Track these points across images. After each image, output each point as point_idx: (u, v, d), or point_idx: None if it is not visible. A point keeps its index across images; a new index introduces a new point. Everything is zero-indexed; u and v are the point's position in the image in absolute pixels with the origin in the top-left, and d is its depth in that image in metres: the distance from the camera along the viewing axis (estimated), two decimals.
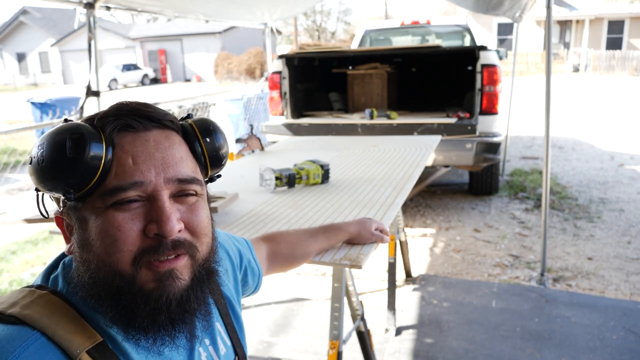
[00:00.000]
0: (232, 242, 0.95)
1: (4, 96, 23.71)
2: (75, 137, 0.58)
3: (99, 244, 0.60)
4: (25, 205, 1.72)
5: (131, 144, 0.61)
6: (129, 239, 0.60)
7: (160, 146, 0.63)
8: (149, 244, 0.60)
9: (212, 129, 0.70)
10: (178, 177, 0.63)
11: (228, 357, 0.79)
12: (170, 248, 0.61)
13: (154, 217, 0.60)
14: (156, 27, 33.53)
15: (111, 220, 0.59)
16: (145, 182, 0.61)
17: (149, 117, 0.64)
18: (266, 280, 3.36)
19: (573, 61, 22.52)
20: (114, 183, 0.60)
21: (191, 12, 4.53)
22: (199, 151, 0.68)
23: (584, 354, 2.27)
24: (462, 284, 3.00)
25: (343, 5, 58.11)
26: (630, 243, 3.61)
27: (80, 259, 0.62)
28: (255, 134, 2.77)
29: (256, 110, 6.71)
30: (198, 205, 0.66)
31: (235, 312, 0.84)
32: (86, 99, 3.43)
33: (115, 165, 0.60)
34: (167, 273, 0.61)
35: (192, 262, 0.64)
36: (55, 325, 0.58)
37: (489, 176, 4.65)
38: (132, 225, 0.60)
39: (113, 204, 0.60)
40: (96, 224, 0.60)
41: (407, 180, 1.97)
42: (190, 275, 0.64)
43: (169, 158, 0.63)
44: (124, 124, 0.62)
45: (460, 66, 4.60)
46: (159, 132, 0.64)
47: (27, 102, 9.17)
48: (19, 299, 0.61)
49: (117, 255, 0.59)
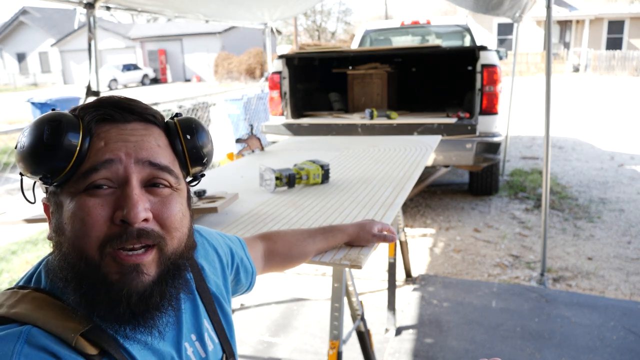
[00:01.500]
0: (223, 241, 0.95)
1: (4, 96, 23.70)
2: (54, 125, 0.61)
3: (70, 227, 0.61)
4: (25, 205, 1.72)
5: (108, 132, 0.63)
6: (96, 224, 0.60)
7: (136, 133, 0.64)
8: (114, 231, 0.60)
9: (195, 127, 0.71)
10: (150, 160, 0.63)
11: (216, 353, 0.79)
12: (135, 236, 0.60)
13: (122, 203, 0.61)
14: (156, 27, 33.53)
15: (81, 205, 0.61)
16: (115, 159, 0.61)
17: (129, 110, 0.65)
18: (266, 280, 3.35)
19: (573, 61, 22.52)
20: (87, 165, 0.61)
21: (191, 12, 4.53)
22: (179, 148, 0.69)
23: (584, 354, 2.27)
24: (462, 284, 3.00)
25: (343, 5, 58.12)
26: (630, 243, 3.61)
27: (56, 242, 0.64)
28: (255, 134, 2.77)
29: (256, 110, 6.70)
30: (171, 199, 0.65)
31: (223, 310, 0.83)
32: (86, 99, 3.42)
33: (90, 151, 0.62)
34: (132, 267, 0.61)
35: (160, 255, 0.63)
36: (44, 318, 0.59)
37: (489, 176, 4.65)
38: (100, 210, 0.61)
39: (86, 189, 0.61)
40: (68, 208, 0.62)
41: (407, 180, 1.97)
42: (157, 270, 0.63)
43: (144, 143, 0.64)
44: (103, 114, 0.64)
45: (460, 66, 4.60)
46: (138, 124, 0.65)
47: (27, 102, 9.17)
48: (3, 301, 0.61)
49: (85, 239, 0.60)
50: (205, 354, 0.76)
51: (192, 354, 0.74)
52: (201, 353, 0.76)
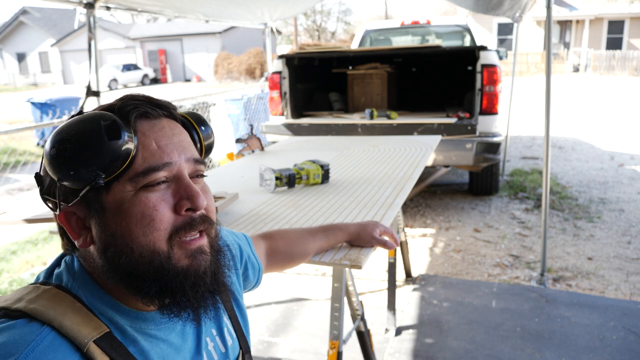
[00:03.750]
0: (232, 238, 0.97)
1: (4, 96, 23.70)
2: (109, 123, 0.61)
3: (134, 226, 0.62)
4: (25, 205, 1.72)
5: (151, 129, 0.66)
6: (164, 217, 0.63)
7: (174, 131, 0.68)
8: (181, 221, 0.65)
9: (203, 120, 0.77)
10: (194, 157, 0.69)
11: (234, 349, 0.80)
12: (200, 222, 0.66)
13: (183, 194, 0.65)
14: (156, 27, 33.52)
15: (145, 202, 0.62)
16: (173, 162, 0.65)
17: (159, 106, 0.69)
18: (266, 280, 3.35)
19: (573, 61, 22.52)
20: (144, 165, 0.63)
21: (191, 12, 4.53)
22: (196, 138, 0.74)
23: (584, 354, 2.27)
24: (462, 284, 3.00)
25: (343, 5, 58.06)
26: (630, 243, 3.61)
27: (104, 247, 0.63)
28: (255, 134, 2.77)
29: (256, 110, 6.70)
30: (207, 188, 0.72)
31: (239, 306, 0.85)
32: (86, 99, 3.43)
33: (141, 149, 0.63)
34: (198, 249, 0.66)
35: (210, 239, 0.69)
36: (61, 317, 0.59)
37: (489, 176, 4.65)
38: (165, 204, 0.64)
39: (143, 187, 0.63)
40: (127, 207, 0.62)
41: (407, 180, 1.97)
42: (211, 250, 0.69)
43: (183, 141, 0.69)
44: (142, 111, 0.66)
45: (460, 66, 4.60)
46: (167, 120, 0.69)
47: (27, 102, 9.17)
48: (24, 295, 0.62)
49: (155, 234, 0.63)
50: (225, 349, 0.78)
51: (212, 349, 0.75)
52: (221, 348, 0.78)
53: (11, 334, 0.56)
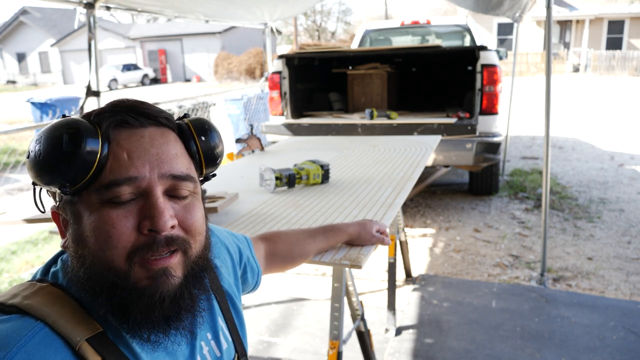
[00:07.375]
0: (232, 239, 0.96)
1: (4, 96, 23.70)
2: (72, 132, 0.59)
3: (93, 240, 0.60)
4: (25, 205, 1.72)
5: (127, 139, 0.62)
6: (123, 236, 0.60)
7: (155, 142, 0.63)
8: (143, 241, 0.60)
9: (208, 128, 0.71)
10: (172, 173, 0.63)
11: (229, 352, 0.79)
12: (164, 244, 0.61)
13: (148, 213, 0.61)
14: (156, 27, 33.52)
15: (105, 217, 0.60)
16: (140, 177, 0.61)
17: (145, 114, 0.64)
18: (266, 280, 3.35)
19: (573, 61, 22.52)
20: (109, 177, 0.60)
21: (191, 12, 4.53)
22: (194, 149, 0.69)
23: (584, 354, 2.27)
24: (462, 284, 3.00)
25: (343, 5, 58.05)
26: (630, 243, 3.61)
27: (75, 253, 0.63)
28: (255, 134, 2.77)
29: (256, 110, 6.70)
30: (192, 204, 0.66)
31: (236, 308, 0.84)
32: (86, 99, 3.43)
33: (111, 160, 0.61)
34: (161, 271, 0.61)
35: (185, 259, 0.64)
36: (55, 314, 0.59)
37: (489, 176, 4.65)
38: (125, 222, 0.60)
39: (107, 201, 0.60)
40: (90, 220, 0.60)
41: (407, 180, 1.97)
42: (184, 272, 0.64)
43: (163, 154, 0.63)
44: (120, 120, 0.62)
45: (460, 66, 4.60)
46: (154, 129, 0.64)
47: (27, 102, 9.17)
48: (19, 291, 0.62)
49: (112, 251, 0.60)
50: (220, 353, 0.77)
51: (207, 353, 0.74)
52: (216, 352, 0.76)
53: (4, 328, 0.56)
